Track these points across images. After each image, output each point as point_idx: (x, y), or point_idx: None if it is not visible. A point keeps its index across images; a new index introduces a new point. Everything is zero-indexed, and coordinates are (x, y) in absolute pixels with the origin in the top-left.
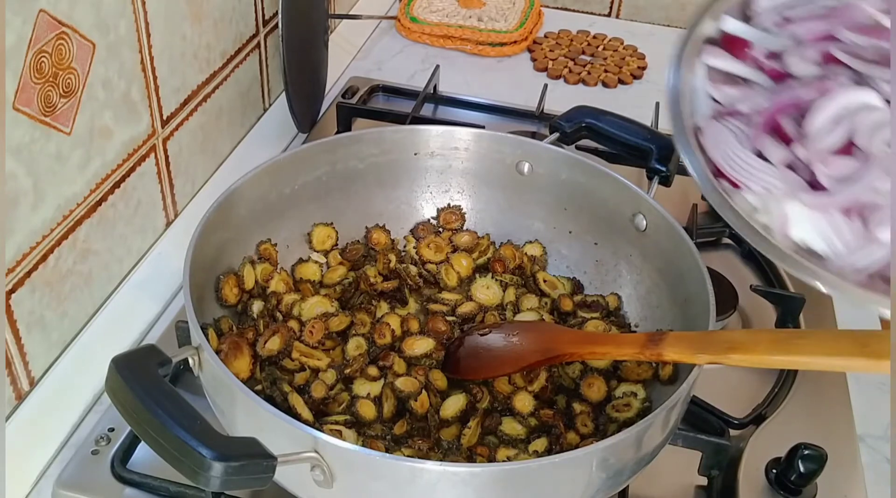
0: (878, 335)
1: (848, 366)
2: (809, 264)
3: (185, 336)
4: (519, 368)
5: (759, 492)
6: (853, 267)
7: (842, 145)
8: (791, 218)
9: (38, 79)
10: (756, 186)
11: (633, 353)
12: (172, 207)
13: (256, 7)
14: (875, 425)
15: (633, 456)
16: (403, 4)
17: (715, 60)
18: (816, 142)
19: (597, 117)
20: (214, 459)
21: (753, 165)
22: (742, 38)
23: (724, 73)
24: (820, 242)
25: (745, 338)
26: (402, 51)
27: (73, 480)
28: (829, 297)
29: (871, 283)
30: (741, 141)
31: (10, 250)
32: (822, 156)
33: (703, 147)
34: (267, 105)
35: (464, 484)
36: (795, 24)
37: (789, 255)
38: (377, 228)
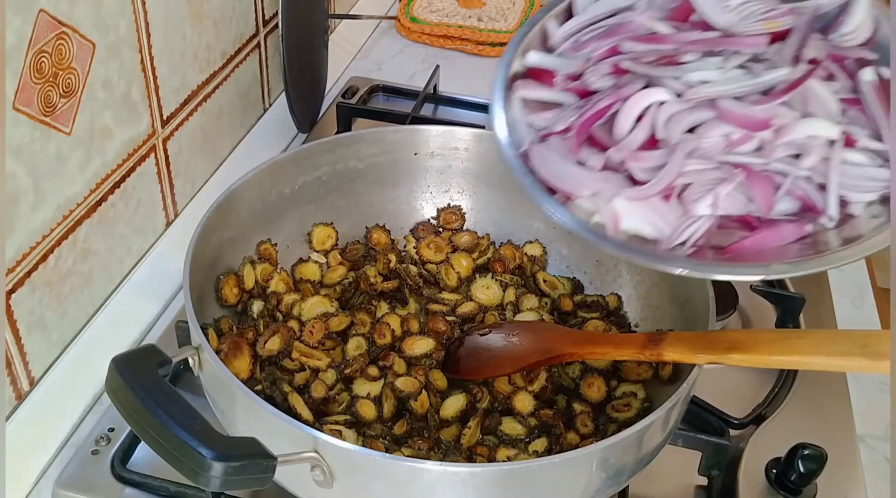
0: (877, 335)
1: (848, 366)
2: (643, 249)
3: (185, 336)
4: (519, 368)
5: (759, 492)
6: (680, 241)
7: (648, 140)
8: (620, 213)
9: (38, 79)
10: (585, 193)
11: (632, 353)
12: (172, 207)
13: (256, 7)
14: (875, 425)
15: (633, 456)
16: (403, 4)
17: (527, 92)
18: (626, 143)
19: None
20: (214, 459)
21: (579, 175)
22: (545, 68)
23: (539, 101)
24: (648, 228)
25: (745, 338)
26: (402, 51)
27: (73, 480)
28: (830, 297)
29: (700, 252)
30: (564, 157)
31: (11, 250)
32: (633, 154)
33: (534, 170)
34: (267, 105)
35: (464, 484)
36: (587, 46)
37: (625, 245)
38: (377, 228)
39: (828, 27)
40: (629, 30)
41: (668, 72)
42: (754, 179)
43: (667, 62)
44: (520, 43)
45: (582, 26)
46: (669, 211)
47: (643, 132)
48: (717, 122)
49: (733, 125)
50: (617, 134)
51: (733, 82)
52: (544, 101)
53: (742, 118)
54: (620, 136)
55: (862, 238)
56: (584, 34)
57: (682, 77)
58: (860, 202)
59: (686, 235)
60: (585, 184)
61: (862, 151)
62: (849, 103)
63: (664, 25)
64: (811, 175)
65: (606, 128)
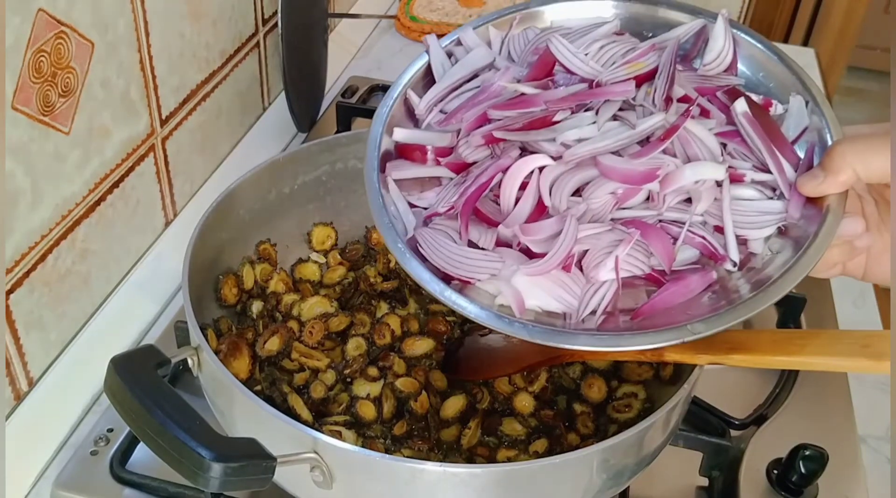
0: (879, 335)
1: (849, 366)
2: (554, 328)
3: (184, 336)
4: (519, 368)
5: (760, 492)
6: (589, 311)
7: (536, 209)
8: (523, 291)
9: (36, 78)
10: (482, 275)
11: (633, 353)
12: (171, 207)
13: (256, 6)
14: (876, 426)
15: (634, 457)
16: (403, 3)
17: (399, 172)
18: (514, 216)
19: None
20: (214, 460)
21: (472, 257)
22: (415, 143)
23: (416, 179)
24: (554, 303)
25: (746, 338)
26: (401, 50)
27: (72, 481)
28: (832, 297)
29: (611, 318)
30: (453, 239)
31: (9, 250)
32: (523, 227)
33: (426, 257)
34: (266, 104)
35: (464, 485)
36: (454, 116)
37: (536, 327)
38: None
39: (687, 55)
40: (494, 94)
41: (542, 134)
42: (650, 234)
43: (540, 124)
44: (385, 118)
45: (444, 93)
46: (572, 281)
47: (529, 202)
48: (601, 180)
49: (618, 182)
50: (504, 207)
51: (609, 136)
52: (423, 179)
53: (624, 174)
54: (507, 209)
55: (771, 280)
56: (448, 102)
57: (557, 138)
58: (759, 238)
59: (594, 305)
60: (481, 266)
61: (750, 186)
62: (727, 136)
63: (529, 86)
64: (706, 219)
65: (492, 202)
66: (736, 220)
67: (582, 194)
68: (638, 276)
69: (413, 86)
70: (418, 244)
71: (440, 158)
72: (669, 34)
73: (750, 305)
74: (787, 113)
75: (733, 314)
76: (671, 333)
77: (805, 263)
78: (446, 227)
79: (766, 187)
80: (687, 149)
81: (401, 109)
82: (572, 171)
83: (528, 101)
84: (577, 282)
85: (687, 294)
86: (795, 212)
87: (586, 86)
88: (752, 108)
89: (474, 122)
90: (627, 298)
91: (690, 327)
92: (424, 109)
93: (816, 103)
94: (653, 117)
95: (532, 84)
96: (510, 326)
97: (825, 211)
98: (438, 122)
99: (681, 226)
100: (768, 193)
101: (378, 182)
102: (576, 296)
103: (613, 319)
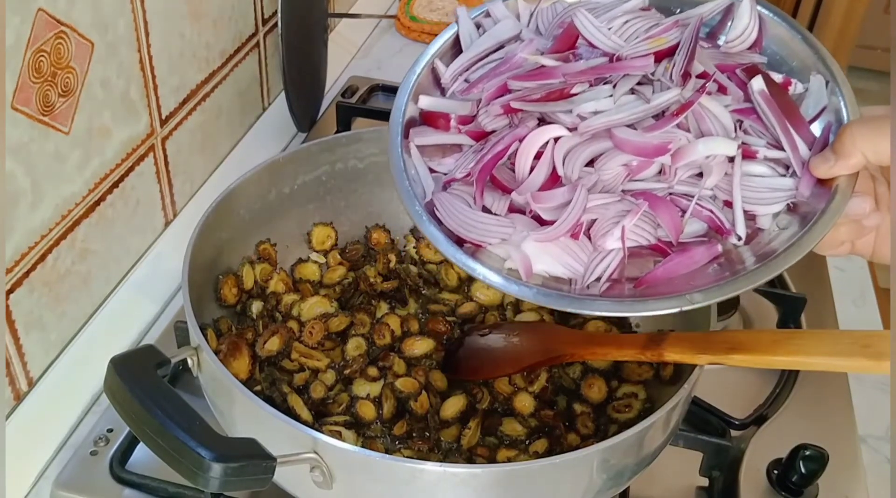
0: (879, 335)
1: (849, 366)
2: (559, 292)
3: (183, 336)
4: (519, 368)
5: (760, 492)
6: (594, 278)
7: (549, 178)
8: (531, 256)
9: (36, 78)
10: (494, 240)
11: (633, 353)
12: (171, 207)
13: (256, 6)
14: (876, 426)
15: (634, 457)
16: (403, 3)
17: (422, 139)
18: (527, 184)
19: None
20: (213, 460)
21: (485, 221)
22: (439, 111)
23: (438, 145)
24: (561, 269)
25: (746, 338)
26: (401, 50)
27: (72, 481)
28: (832, 297)
29: (616, 285)
30: (469, 204)
31: (9, 250)
32: (535, 195)
33: (441, 220)
34: (266, 104)
35: (464, 485)
36: (477, 85)
37: (542, 290)
38: (377, 228)
39: (714, 33)
40: (515, 65)
41: (559, 106)
42: (658, 206)
43: (557, 96)
44: (412, 86)
45: (470, 63)
46: (579, 249)
47: (543, 171)
48: (614, 152)
49: (630, 154)
50: (518, 175)
51: (625, 110)
52: (444, 146)
53: (638, 146)
54: (522, 177)
55: (776, 254)
56: (473, 72)
57: (574, 110)
58: (767, 214)
59: (599, 272)
60: (493, 231)
61: (763, 162)
62: (743, 113)
63: (549, 58)
64: (716, 193)
65: (508, 169)
66: (746, 195)
67: (595, 165)
68: (644, 246)
69: (441, 55)
70: (435, 208)
71: (462, 126)
72: (694, 10)
73: (751, 277)
74: (807, 92)
75: (733, 286)
76: (670, 302)
77: (809, 240)
78: (463, 193)
79: (779, 165)
80: (701, 124)
81: (428, 78)
82: (587, 143)
83: (548, 73)
84: (585, 249)
85: (691, 265)
86: (805, 190)
87: (607, 60)
88: (770, 87)
89: (494, 92)
90: (634, 268)
91: (689, 297)
92: (450, 78)
93: (836, 83)
94: (668, 92)
95: (553, 57)
96: (518, 289)
97: (834, 190)
98: (462, 91)
99: (690, 199)
100: (780, 171)
101: (401, 147)
102: (582, 263)
103: (618, 286)
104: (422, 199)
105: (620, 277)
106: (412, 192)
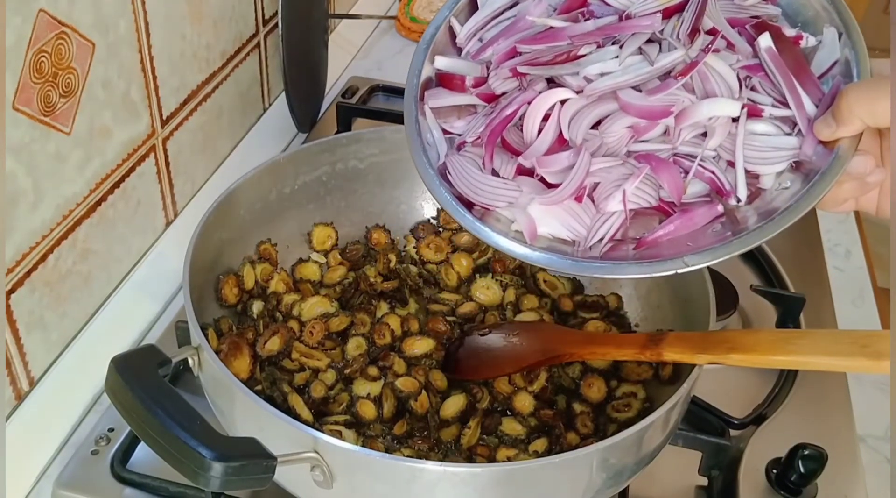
0: (878, 335)
1: (848, 366)
2: (563, 254)
3: (184, 336)
4: (519, 368)
5: (759, 492)
6: (596, 239)
7: (556, 141)
8: (536, 219)
9: (37, 79)
10: (501, 203)
11: (633, 353)
12: (172, 207)
13: (256, 7)
14: (876, 426)
15: (634, 456)
16: (403, 4)
17: (436, 101)
18: (534, 148)
19: None
20: (214, 460)
21: (493, 185)
22: (454, 72)
23: (453, 106)
24: (565, 231)
25: (745, 338)
26: (401, 50)
27: (73, 481)
28: (831, 297)
29: (618, 246)
30: (479, 167)
31: (10, 250)
32: (540, 159)
33: (452, 183)
34: (267, 105)
35: (464, 484)
36: (489, 46)
37: (545, 252)
38: (377, 228)
39: None
40: (525, 27)
41: (566, 69)
42: (661, 168)
43: (565, 59)
44: (428, 46)
45: (485, 22)
46: (583, 212)
47: (550, 134)
48: (619, 114)
49: (634, 117)
50: (526, 138)
51: (630, 71)
52: (459, 107)
53: (642, 109)
54: (530, 140)
55: (777, 212)
56: (487, 30)
57: (580, 72)
58: (770, 174)
59: (601, 234)
60: (500, 194)
61: (768, 121)
62: (752, 70)
63: (557, 20)
64: (719, 154)
65: (518, 132)
66: (749, 155)
67: (600, 128)
68: (647, 207)
69: (458, 13)
70: (447, 171)
71: (474, 89)
72: None
73: (746, 239)
74: (820, 44)
75: (727, 249)
76: (665, 265)
77: (809, 199)
78: (474, 155)
79: (786, 123)
80: (706, 84)
81: (445, 36)
82: (592, 105)
83: (555, 34)
84: (588, 212)
85: (692, 226)
86: (809, 149)
87: (617, 18)
88: (779, 42)
89: (504, 55)
90: (640, 226)
91: (685, 259)
92: (465, 38)
93: (850, 36)
94: (673, 52)
95: (562, 18)
96: (524, 251)
97: (836, 150)
98: (477, 51)
99: (693, 160)
100: (786, 129)
101: (416, 110)
102: (585, 225)
103: (621, 246)
104: (436, 162)
105: (624, 238)
106: (425, 157)
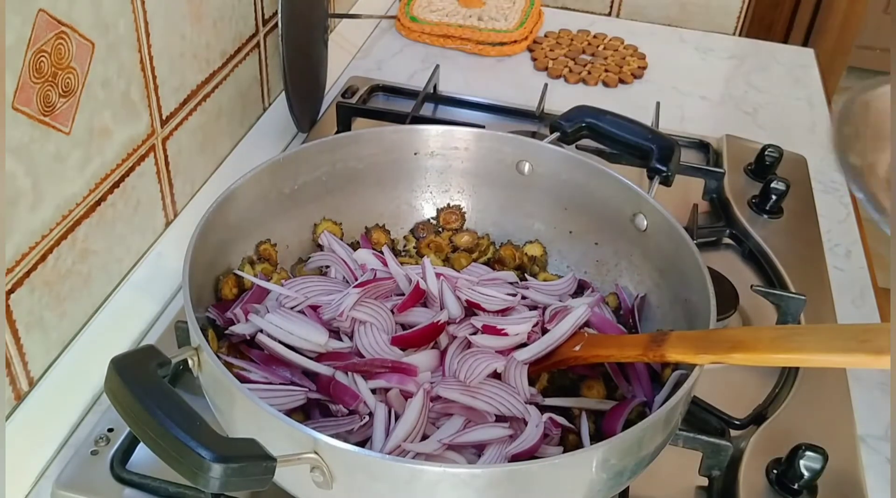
0: (877, 329)
1: (848, 362)
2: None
3: (184, 336)
4: None
5: (759, 492)
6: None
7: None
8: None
9: (37, 78)
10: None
11: (636, 354)
12: (172, 207)
13: (256, 6)
14: (876, 426)
15: (634, 457)
16: (403, 4)
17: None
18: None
19: (597, 117)
20: (214, 461)
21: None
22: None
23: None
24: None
25: (746, 336)
26: (401, 50)
27: (72, 481)
28: (831, 297)
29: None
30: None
31: (9, 250)
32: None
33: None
34: (266, 105)
35: (464, 485)
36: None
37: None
38: (377, 228)
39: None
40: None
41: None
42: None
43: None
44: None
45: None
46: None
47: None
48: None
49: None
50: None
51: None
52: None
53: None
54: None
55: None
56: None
57: None
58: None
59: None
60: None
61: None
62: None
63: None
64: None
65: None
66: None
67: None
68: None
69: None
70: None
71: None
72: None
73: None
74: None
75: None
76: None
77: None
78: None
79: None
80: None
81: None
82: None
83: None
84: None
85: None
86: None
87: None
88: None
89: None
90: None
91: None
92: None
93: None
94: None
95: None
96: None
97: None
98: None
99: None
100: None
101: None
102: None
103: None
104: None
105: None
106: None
